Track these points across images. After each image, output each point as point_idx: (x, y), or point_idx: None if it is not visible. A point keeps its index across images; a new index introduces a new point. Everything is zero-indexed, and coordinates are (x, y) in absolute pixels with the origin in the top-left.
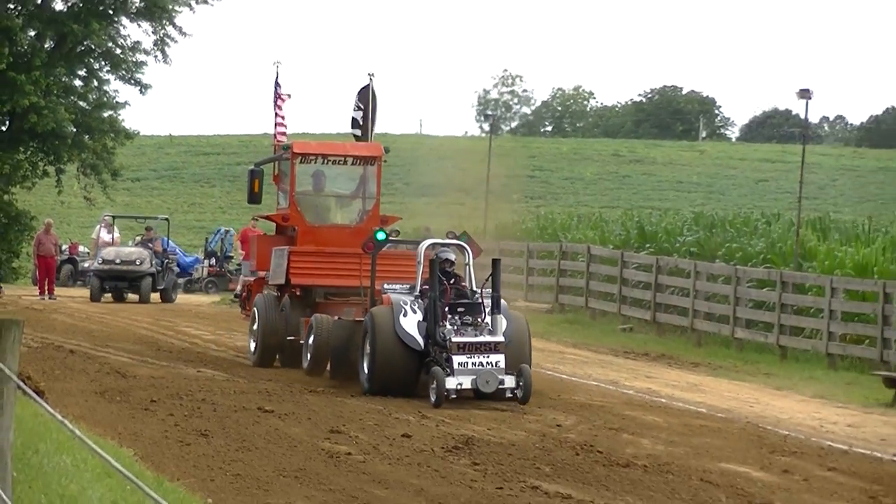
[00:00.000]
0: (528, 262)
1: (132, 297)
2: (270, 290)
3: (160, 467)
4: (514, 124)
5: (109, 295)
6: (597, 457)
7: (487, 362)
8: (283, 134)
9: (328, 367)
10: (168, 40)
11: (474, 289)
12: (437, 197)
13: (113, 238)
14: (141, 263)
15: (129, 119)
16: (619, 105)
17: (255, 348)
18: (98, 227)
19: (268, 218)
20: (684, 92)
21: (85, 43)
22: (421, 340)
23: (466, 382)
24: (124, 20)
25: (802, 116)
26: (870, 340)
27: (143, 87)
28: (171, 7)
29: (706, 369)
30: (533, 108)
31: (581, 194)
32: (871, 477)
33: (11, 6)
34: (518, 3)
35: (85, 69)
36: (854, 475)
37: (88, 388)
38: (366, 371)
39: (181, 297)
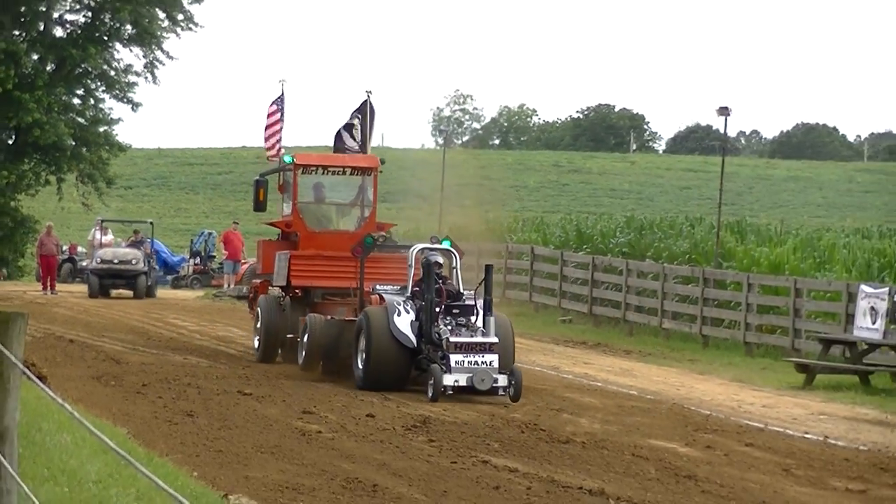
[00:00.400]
0: (478, 261)
1: (125, 293)
2: (274, 291)
3: (150, 444)
4: (465, 138)
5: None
6: (540, 434)
7: (482, 361)
8: (277, 146)
9: (321, 363)
10: (157, 63)
11: (461, 290)
12: (398, 203)
13: (104, 240)
14: (136, 263)
15: (122, 133)
16: (559, 121)
17: (259, 345)
18: (93, 229)
19: (272, 224)
20: (617, 109)
21: (83, 66)
22: (414, 339)
23: (462, 380)
24: (118, 45)
25: (722, 131)
26: (782, 330)
27: (135, 105)
28: (159, 34)
29: (637, 356)
30: (482, 123)
31: (525, 200)
32: (785, 452)
33: (17, 32)
34: (469, 32)
35: (83, 89)
36: (769, 450)
37: (86, 373)
38: (360, 367)
39: (169, 293)
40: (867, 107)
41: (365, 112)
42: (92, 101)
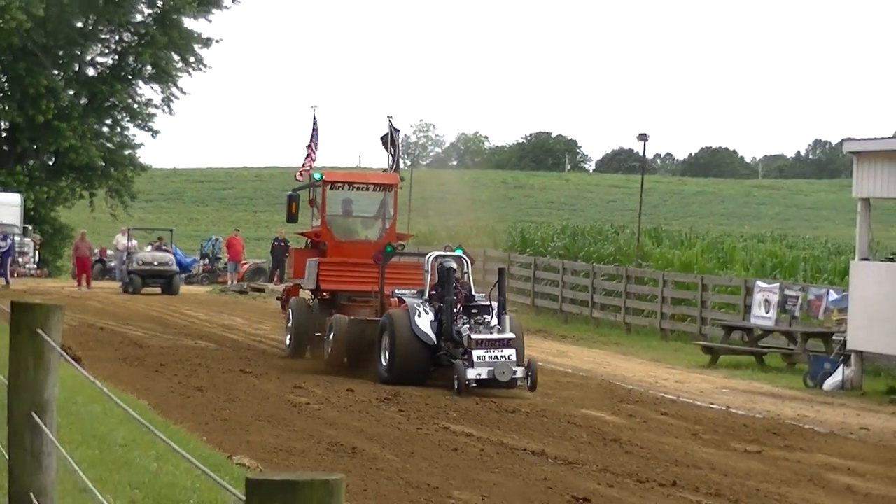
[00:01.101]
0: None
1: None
2: (304, 294)
3: (167, 414)
4: (428, 160)
5: (128, 286)
6: (491, 406)
7: (502, 356)
8: (307, 165)
9: (345, 359)
10: (172, 97)
11: (473, 293)
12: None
13: (129, 245)
14: (171, 265)
15: (143, 155)
16: (506, 145)
17: (290, 342)
18: (119, 235)
19: (304, 234)
20: (554, 135)
21: (111, 100)
22: (434, 337)
23: (484, 373)
24: (140, 83)
25: (641, 153)
26: (691, 319)
27: (154, 133)
28: (174, 73)
29: (571, 340)
30: (443, 147)
31: (479, 211)
32: (693, 419)
33: (56, 72)
34: (431, 71)
35: (110, 119)
36: (681, 418)
37: (113, 355)
38: (384, 363)
39: (183, 288)
40: (762, 132)
41: (389, 137)
42: (118, 129)
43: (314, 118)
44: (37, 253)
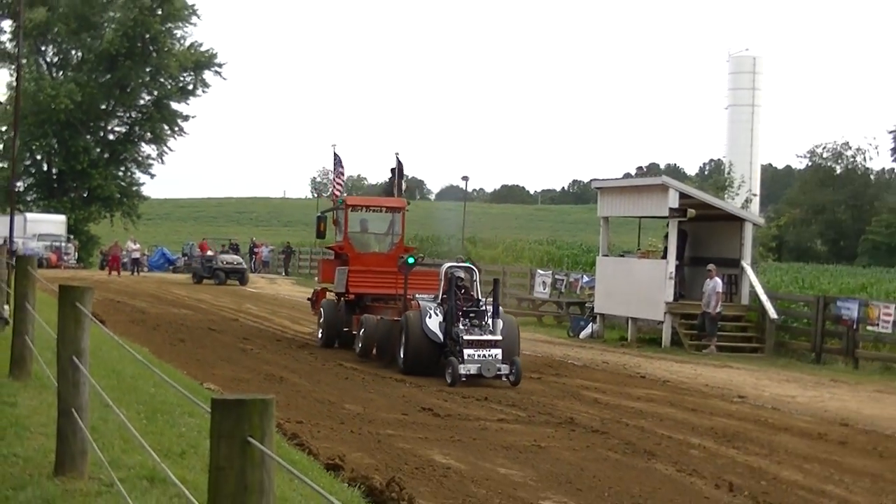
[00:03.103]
0: None
1: (170, 276)
2: (331, 296)
3: (161, 356)
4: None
5: (127, 273)
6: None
7: (489, 354)
8: (339, 192)
9: (374, 352)
10: (164, 153)
11: (479, 298)
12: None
13: (133, 247)
14: (243, 265)
15: (145, 190)
16: (378, 183)
17: (322, 335)
18: (128, 242)
19: (329, 248)
20: (409, 177)
21: (124, 155)
22: (441, 335)
23: (473, 369)
24: (143, 144)
25: (463, 188)
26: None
27: (152, 175)
28: (164, 138)
29: None
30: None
31: None
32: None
33: (88, 137)
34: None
35: (124, 167)
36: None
37: (125, 319)
38: (401, 356)
39: (170, 275)
40: (540, 173)
41: (397, 168)
42: (129, 174)
43: (335, 154)
44: (76, 253)
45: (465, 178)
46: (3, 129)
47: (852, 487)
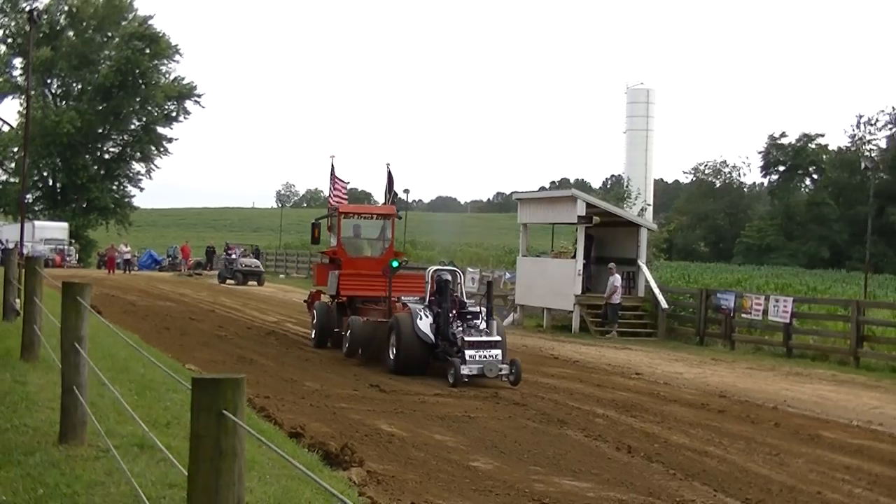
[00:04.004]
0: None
1: (157, 274)
2: (325, 298)
3: (149, 342)
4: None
5: (120, 272)
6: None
7: (490, 355)
8: (339, 200)
9: (360, 351)
10: (151, 170)
11: (464, 300)
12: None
13: (124, 250)
14: (260, 267)
15: (135, 201)
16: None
17: (315, 335)
18: (121, 245)
19: (324, 253)
20: (359, 189)
21: (117, 172)
22: (432, 336)
23: (475, 370)
24: (133, 163)
25: (406, 199)
26: None
27: (141, 189)
28: (152, 157)
29: None
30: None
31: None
32: None
33: (87, 156)
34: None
35: (117, 182)
36: None
37: (119, 310)
38: (391, 357)
39: (157, 273)
40: (469, 185)
41: (388, 179)
42: (122, 188)
43: (332, 165)
44: (77, 255)
45: (407, 191)
46: (15, 150)
47: (729, 448)
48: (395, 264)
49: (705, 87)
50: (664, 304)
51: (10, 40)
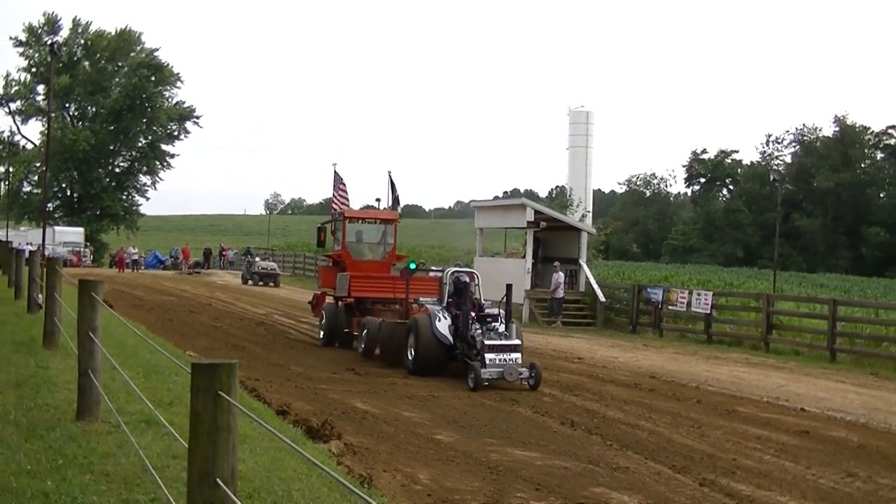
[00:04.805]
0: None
1: (161, 273)
2: (330, 300)
3: (154, 331)
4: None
5: (129, 271)
6: (312, 336)
7: (510, 359)
8: (343, 204)
9: (376, 352)
10: (156, 182)
11: (482, 302)
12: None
13: (132, 251)
14: (276, 270)
15: (142, 209)
16: (316, 202)
17: (324, 335)
18: (130, 248)
19: (328, 256)
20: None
21: (126, 183)
22: (451, 338)
23: (495, 374)
24: (140, 176)
25: (379, 208)
26: None
27: (147, 198)
28: (157, 171)
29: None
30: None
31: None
32: None
33: (100, 170)
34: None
35: (126, 192)
36: None
37: (128, 304)
38: (410, 358)
39: (161, 272)
40: (433, 195)
41: (391, 185)
42: (130, 197)
43: (335, 172)
44: (91, 255)
45: (378, 200)
46: (38, 164)
47: (658, 422)
48: (412, 266)
49: (638, 109)
50: (602, 298)
51: (34, 70)
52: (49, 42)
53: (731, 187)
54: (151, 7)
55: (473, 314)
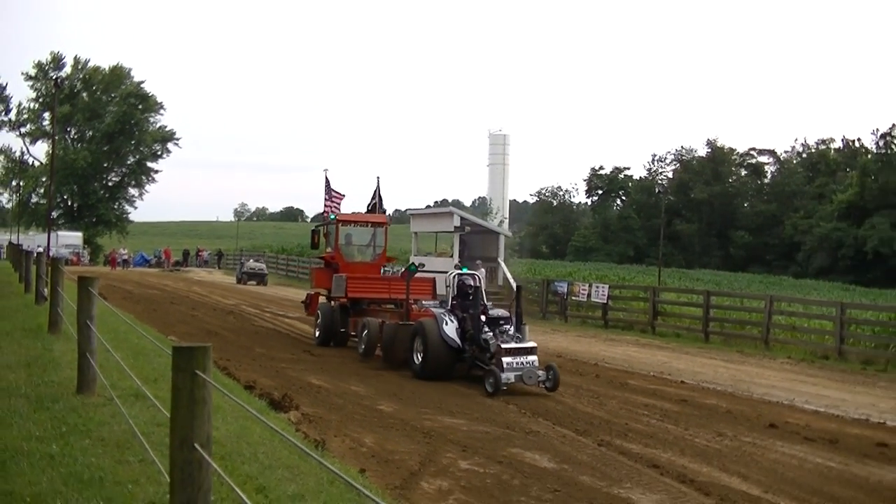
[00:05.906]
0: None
1: (148, 270)
2: (326, 300)
3: (142, 320)
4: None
5: (120, 269)
6: (289, 329)
7: (527, 362)
8: (336, 209)
9: (377, 352)
10: (143, 194)
11: (486, 303)
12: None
13: (123, 252)
14: (264, 270)
15: (130, 216)
16: (274, 210)
17: (319, 335)
18: (120, 249)
19: (321, 257)
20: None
21: (117, 195)
22: (459, 341)
23: (513, 378)
24: (129, 189)
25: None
26: None
27: (135, 208)
28: (144, 184)
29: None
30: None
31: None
32: None
33: (96, 184)
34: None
35: (117, 203)
36: None
37: (119, 296)
38: (417, 362)
39: (146, 270)
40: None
41: (377, 190)
42: (121, 207)
43: (326, 178)
44: (88, 256)
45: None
46: (44, 179)
47: (563, 393)
48: (413, 268)
49: (547, 131)
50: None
51: (41, 99)
52: (54, 77)
53: (623, 198)
54: (136, 38)
55: (483, 317)
